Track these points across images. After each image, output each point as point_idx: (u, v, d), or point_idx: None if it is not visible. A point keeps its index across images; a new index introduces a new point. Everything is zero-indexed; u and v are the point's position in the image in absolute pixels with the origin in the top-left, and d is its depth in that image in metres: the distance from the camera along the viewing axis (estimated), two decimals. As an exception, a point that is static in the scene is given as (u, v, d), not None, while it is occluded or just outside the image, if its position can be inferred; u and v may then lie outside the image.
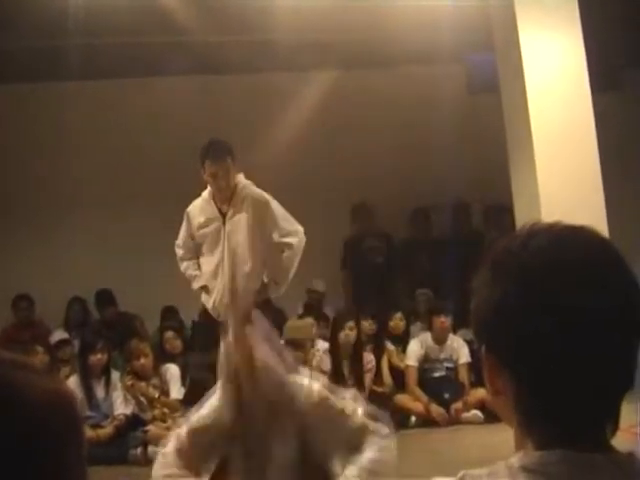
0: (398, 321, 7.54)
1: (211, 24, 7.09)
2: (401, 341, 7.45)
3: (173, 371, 6.57)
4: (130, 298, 7.99)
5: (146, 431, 6.23)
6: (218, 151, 5.21)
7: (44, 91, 8.35)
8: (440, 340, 7.19)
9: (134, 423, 6.39)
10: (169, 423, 6.16)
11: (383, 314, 7.53)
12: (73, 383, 6.29)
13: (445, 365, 7.17)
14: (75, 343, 7.28)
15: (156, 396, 6.45)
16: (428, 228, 8.86)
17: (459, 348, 7.14)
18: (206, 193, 5.37)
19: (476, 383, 6.80)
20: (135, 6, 6.35)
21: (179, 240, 5.52)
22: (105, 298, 8.13)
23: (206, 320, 5.40)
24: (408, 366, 7.13)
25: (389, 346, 7.42)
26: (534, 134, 6.10)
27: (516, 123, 6.37)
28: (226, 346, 3.00)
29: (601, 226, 5.09)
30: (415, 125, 8.55)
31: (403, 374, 7.18)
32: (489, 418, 6.19)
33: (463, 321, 6.93)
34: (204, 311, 5.44)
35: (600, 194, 6.06)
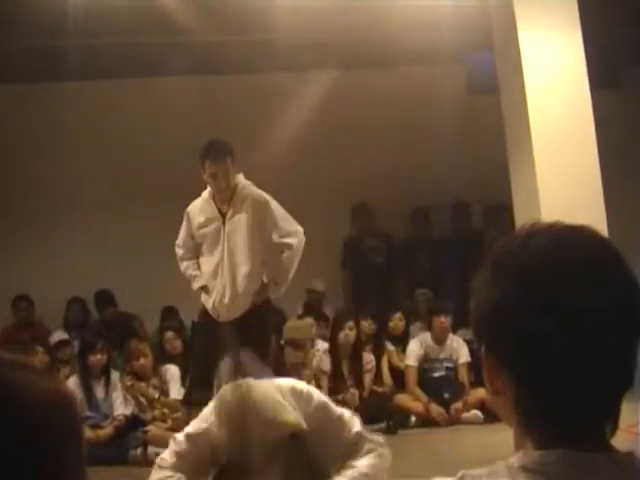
0: (398, 321, 7.55)
1: (211, 24, 7.09)
2: (401, 341, 7.46)
3: (173, 371, 6.57)
4: (130, 298, 7.98)
5: (146, 431, 6.23)
6: (218, 151, 5.21)
7: (44, 91, 8.35)
8: (440, 340, 7.20)
9: (134, 423, 6.39)
10: (169, 423, 6.18)
11: (383, 314, 7.53)
12: (73, 383, 6.29)
13: (445, 365, 7.17)
14: (75, 343, 7.28)
15: (156, 396, 6.45)
16: (428, 228, 8.87)
17: (459, 348, 7.14)
18: (206, 193, 5.37)
19: (476, 383, 6.81)
20: (135, 6, 6.35)
21: (179, 240, 5.52)
22: (105, 298, 8.12)
23: (206, 320, 5.39)
24: (408, 366, 7.14)
25: (389, 346, 7.43)
26: (533, 134, 6.10)
27: (515, 123, 6.36)
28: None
29: (600, 226, 5.07)
30: (415, 125, 8.55)
31: (403, 374, 7.18)
32: (489, 418, 6.19)
33: (463, 321, 6.93)
34: (204, 311, 5.44)
35: (600, 193, 6.06)
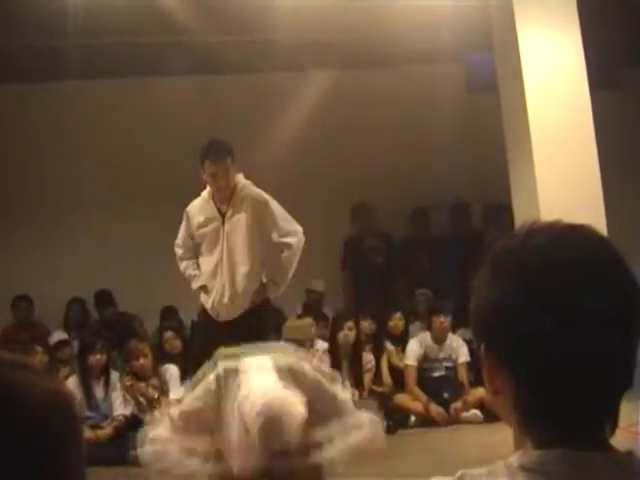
0: (397, 321, 7.55)
1: (211, 24, 7.09)
2: (400, 341, 7.45)
3: (172, 371, 6.56)
4: (129, 298, 7.98)
5: (146, 431, 6.23)
6: (218, 151, 5.21)
7: (44, 91, 8.34)
8: (439, 340, 7.19)
9: (133, 424, 6.38)
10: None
11: (382, 314, 7.53)
12: (72, 383, 6.28)
13: (444, 365, 7.16)
14: (74, 343, 7.27)
15: (155, 396, 6.45)
16: (427, 227, 8.86)
17: (458, 347, 7.14)
18: (205, 193, 5.37)
19: (475, 382, 6.81)
20: (135, 6, 6.35)
21: (178, 239, 5.52)
22: (104, 298, 8.12)
23: (205, 320, 5.39)
24: (407, 366, 7.14)
25: (388, 346, 7.43)
26: (533, 133, 6.10)
27: (515, 122, 6.36)
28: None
29: (600, 225, 5.08)
30: (414, 125, 8.55)
31: (402, 374, 7.18)
32: (488, 417, 6.19)
33: (462, 320, 6.93)
34: (203, 311, 5.44)
35: (599, 193, 6.06)
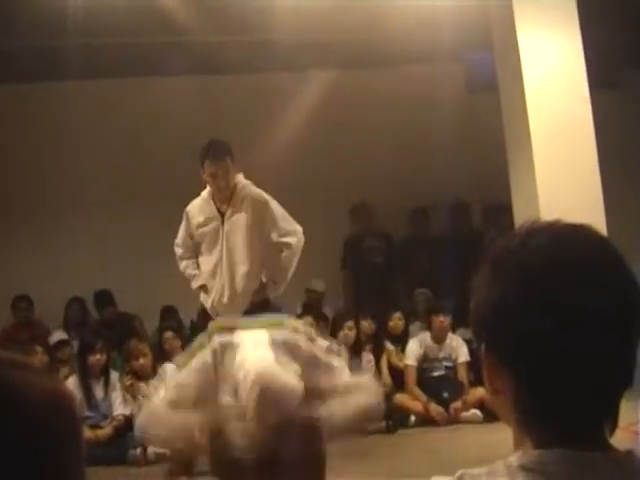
0: (397, 321, 7.54)
1: (211, 24, 7.09)
2: (400, 341, 7.45)
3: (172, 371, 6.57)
4: (129, 298, 7.97)
5: (145, 431, 6.23)
6: (218, 151, 5.21)
7: (44, 91, 8.34)
8: (439, 339, 7.19)
9: (133, 424, 6.39)
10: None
11: (382, 314, 7.53)
12: (72, 383, 6.28)
13: (444, 364, 7.16)
14: (74, 343, 7.27)
15: (155, 396, 6.45)
16: (427, 227, 8.86)
17: (458, 347, 7.14)
18: (205, 192, 5.37)
19: (475, 382, 6.80)
20: (135, 6, 6.35)
21: (178, 239, 5.52)
22: (104, 298, 8.12)
23: (205, 320, 5.39)
24: (407, 365, 7.14)
25: (388, 346, 7.43)
26: (533, 133, 6.10)
27: (515, 122, 6.36)
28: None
29: (600, 225, 5.09)
30: (414, 124, 8.55)
31: (402, 373, 7.18)
32: (488, 417, 6.19)
33: (462, 320, 6.93)
34: (203, 311, 5.44)
35: (599, 193, 6.06)
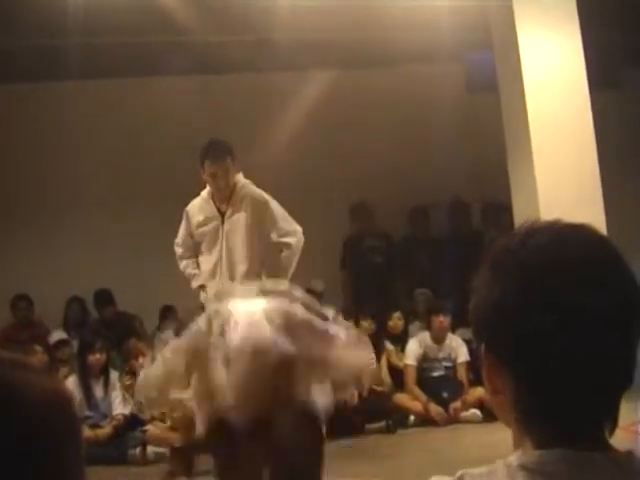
0: (397, 320, 7.54)
1: (211, 24, 7.08)
2: (400, 340, 7.45)
3: (172, 371, 6.56)
4: (129, 298, 7.97)
5: (145, 431, 6.23)
6: (218, 151, 5.21)
7: (44, 91, 8.33)
8: (439, 339, 7.19)
9: (133, 423, 6.39)
10: (168, 423, 6.17)
11: (382, 314, 7.53)
12: (72, 383, 6.28)
13: (444, 364, 7.17)
14: (74, 343, 7.27)
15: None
16: (426, 226, 8.85)
17: (458, 347, 7.14)
18: (205, 192, 5.37)
19: (475, 382, 6.81)
20: (135, 5, 6.35)
21: (178, 239, 5.52)
22: (104, 298, 8.11)
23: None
24: (407, 365, 7.14)
25: (388, 346, 7.42)
26: (532, 133, 6.11)
27: (515, 122, 6.37)
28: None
29: (599, 224, 5.09)
30: (414, 124, 8.54)
31: (402, 373, 7.18)
32: (488, 417, 6.19)
33: (462, 320, 6.93)
34: (202, 310, 5.43)
35: (598, 192, 6.06)
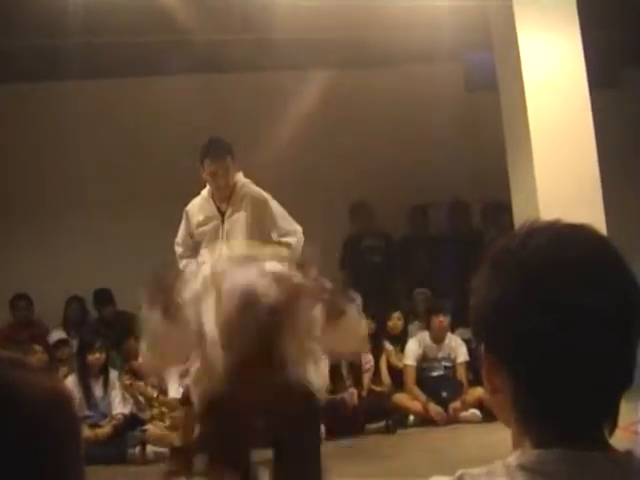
0: (396, 320, 7.54)
1: (213, 23, 7.08)
2: (399, 340, 7.45)
3: (171, 370, 6.56)
4: (129, 297, 7.96)
5: (144, 430, 6.24)
6: (218, 150, 5.20)
7: (44, 91, 8.33)
8: (438, 339, 7.20)
9: (132, 422, 6.40)
10: (167, 422, 6.18)
11: (382, 314, 7.53)
12: (71, 382, 6.29)
13: (443, 364, 7.17)
14: (73, 342, 7.27)
15: (154, 395, 6.45)
16: (426, 226, 8.85)
17: (457, 347, 7.14)
18: (205, 191, 5.37)
19: (474, 382, 6.81)
20: (135, 5, 6.34)
21: (178, 238, 5.52)
22: (104, 297, 8.11)
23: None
24: (406, 365, 7.14)
25: (387, 346, 7.43)
26: (532, 132, 6.11)
27: (514, 121, 6.37)
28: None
29: (599, 224, 5.09)
30: (414, 124, 8.54)
31: (401, 373, 7.19)
32: (487, 417, 6.20)
33: (461, 320, 6.94)
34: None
35: (598, 192, 6.06)
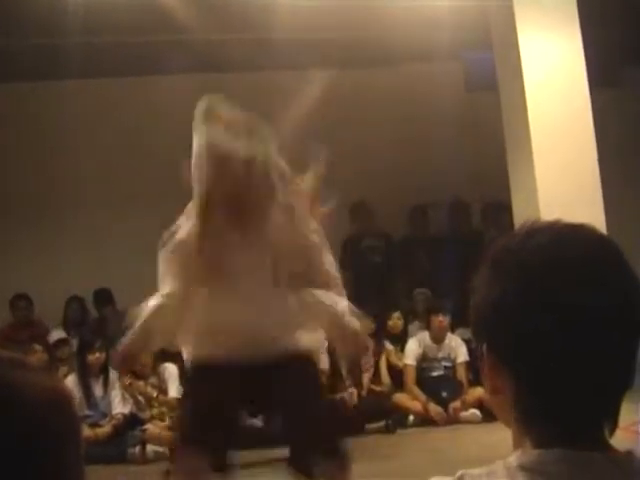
0: (396, 320, 7.54)
1: (212, 22, 7.08)
2: (399, 340, 7.45)
3: (171, 370, 6.56)
4: (129, 297, 7.95)
5: (144, 430, 6.24)
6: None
7: (44, 90, 8.33)
8: (438, 339, 7.19)
9: (132, 422, 6.39)
10: (167, 422, 6.17)
11: (382, 314, 7.52)
12: (71, 382, 6.29)
13: (443, 364, 7.16)
14: (73, 342, 7.27)
15: (154, 395, 6.45)
16: (426, 226, 8.84)
17: (457, 347, 7.14)
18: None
19: (474, 382, 6.81)
20: (135, 4, 6.34)
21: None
22: (104, 297, 8.11)
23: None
24: (406, 365, 7.14)
25: (387, 345, 7.42)
26: (532, 132, 6.10)
27: (514, 121, 6.37)
28: None
29: (599, 224, 5.09)
30: (414, 123, 8.54)
31: (401, 373, 7.18)
32: (487, 417, 6.19)
33: (461, 320, 6.93)
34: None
35: (598, 192, 6.06)
